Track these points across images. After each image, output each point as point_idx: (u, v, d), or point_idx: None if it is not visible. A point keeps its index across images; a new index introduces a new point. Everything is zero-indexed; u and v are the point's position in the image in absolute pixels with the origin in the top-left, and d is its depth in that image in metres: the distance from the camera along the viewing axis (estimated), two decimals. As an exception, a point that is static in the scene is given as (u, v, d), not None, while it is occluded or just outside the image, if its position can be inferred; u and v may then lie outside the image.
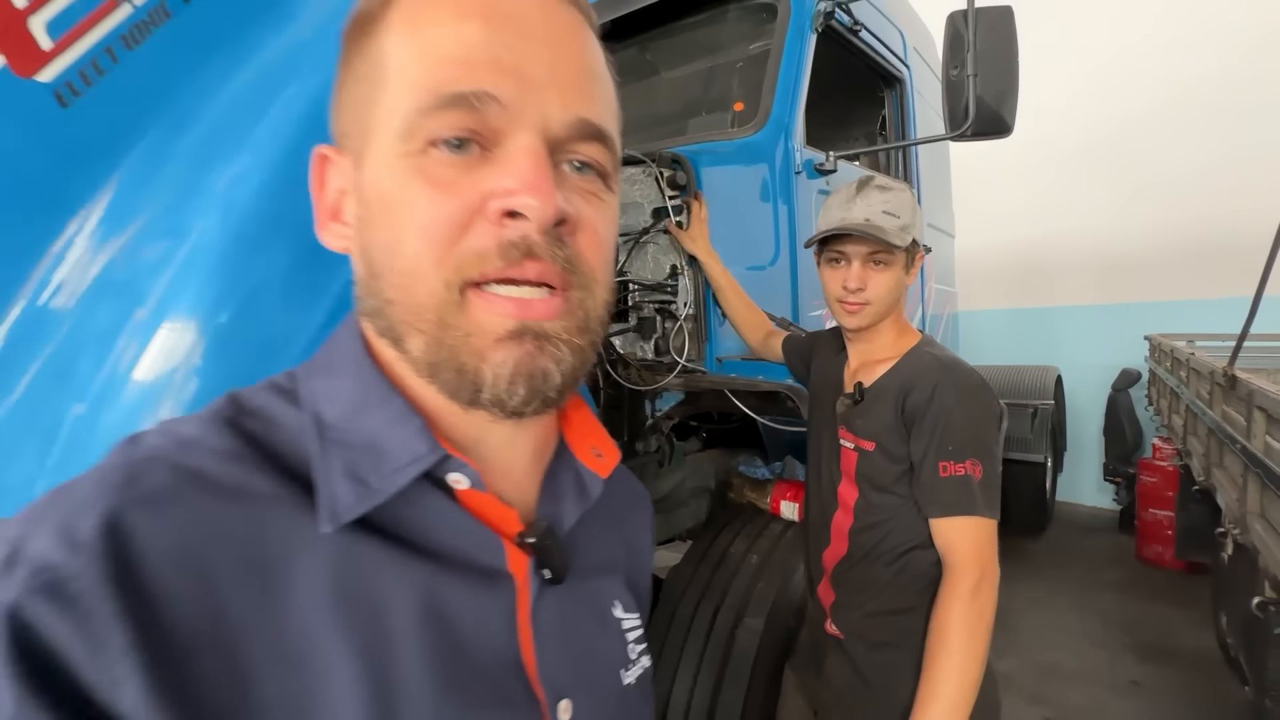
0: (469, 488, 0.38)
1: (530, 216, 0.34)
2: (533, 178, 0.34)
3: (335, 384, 0.39)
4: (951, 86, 1.83)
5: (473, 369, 0.35)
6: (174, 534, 0.31)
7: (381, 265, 0.36)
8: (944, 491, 0.97)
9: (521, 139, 0.35)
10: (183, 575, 0.30)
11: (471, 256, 0.34)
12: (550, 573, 0.41)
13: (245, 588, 0.32)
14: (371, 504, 0.35)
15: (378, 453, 0.36)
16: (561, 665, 0.41)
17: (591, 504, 0.46)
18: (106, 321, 0.72)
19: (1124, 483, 4.46)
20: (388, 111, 0.35)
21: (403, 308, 0.36)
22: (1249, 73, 3.95)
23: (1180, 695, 2.55)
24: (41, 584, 0.28)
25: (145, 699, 0.27)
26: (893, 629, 1.03)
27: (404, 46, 0.36)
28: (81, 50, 0.79)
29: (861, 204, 1.04)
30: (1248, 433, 1.83)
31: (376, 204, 0.36)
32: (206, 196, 0.67)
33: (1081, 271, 4.96)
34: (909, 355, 1.07)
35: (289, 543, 0.33)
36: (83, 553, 0.28)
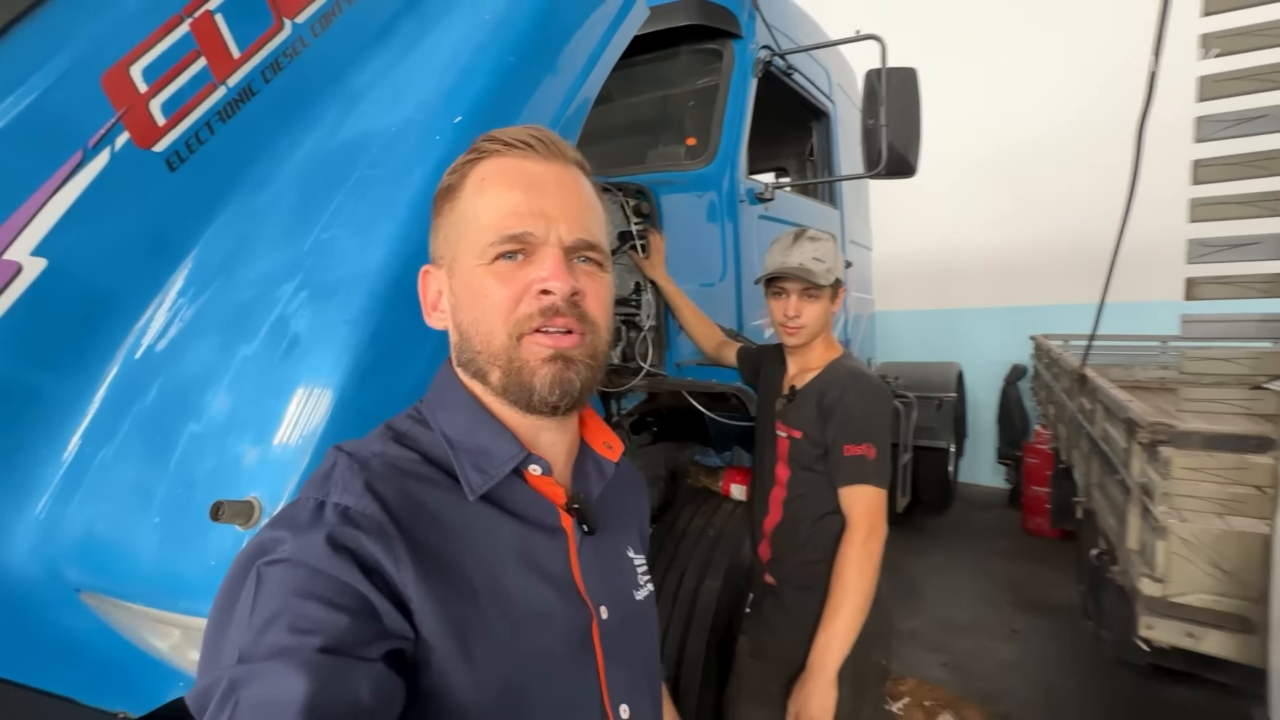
0: (540, 474, 0.62)
1: (555, 292, 0.57)
2: (556, 269, 0.57)
3: (452, 415, 0.61)
4: (868, 134, 2.18)
5: (528, 383, 0.58)
6: (397, 494, 0.54)
7: (470, 331, 0.59)
8: (847, 466, 1.30)
9: (548, 249, 0.58)
10: (406, 513, 0.53)
11: (523, 318, 0.57)
12: (587, 527, 0.64)
13: (434, 524, 0.55)
14: (490, 484, 0.58)
15: (488, 454, 0.60)
16: (597, 585, 0.63)
17: (608, 480, 0.70)
18: (216, 354, 0.90)
19: (1013, 465, 5.07)
20: (469, 242, 0.59)
21: (485, 355, 0.58)
22: (1116, 108, 4.61)
23: (1049, 637, 3.07)
24: (349, 516, 0.51)
25: (413, 570, 0.51)
26: (810, 574, 1.35)
27: (477, 204, 0.59)
28: (188, 124, 0.96)
29: (797, 252, 1.35)
30: (1092, 420, 2.28)
31: (464, 295, 0.60)
32: (344, 260, 0.86)
33: (980, 278, 5.56)
34: (830, 366, 1.39)
35: (451, 504, 0.57)
36: (364, 498, 0.52)
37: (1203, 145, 1.40)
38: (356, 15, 1.10)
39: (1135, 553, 1.64)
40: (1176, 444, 1.46)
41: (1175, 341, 3.83)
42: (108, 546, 0.82)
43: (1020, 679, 2.75)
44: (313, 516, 0.51)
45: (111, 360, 0.93)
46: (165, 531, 0.77)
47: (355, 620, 0.46)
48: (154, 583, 0.78)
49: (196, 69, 0.95)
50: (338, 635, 0.45)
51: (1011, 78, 5.18)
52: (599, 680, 0.61)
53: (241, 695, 0.42)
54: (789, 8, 2.77)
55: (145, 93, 0.91)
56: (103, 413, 0.91)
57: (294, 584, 0.46)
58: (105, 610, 0.90)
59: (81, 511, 0.85)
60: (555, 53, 1.07)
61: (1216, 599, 1.44)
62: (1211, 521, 1.48)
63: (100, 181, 0.88)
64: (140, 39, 0.90)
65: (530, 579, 0.58)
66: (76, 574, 0.86)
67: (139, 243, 0.94)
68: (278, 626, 0.44)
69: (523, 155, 0.60)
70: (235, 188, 1.01)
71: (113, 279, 0.92)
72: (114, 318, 0.93)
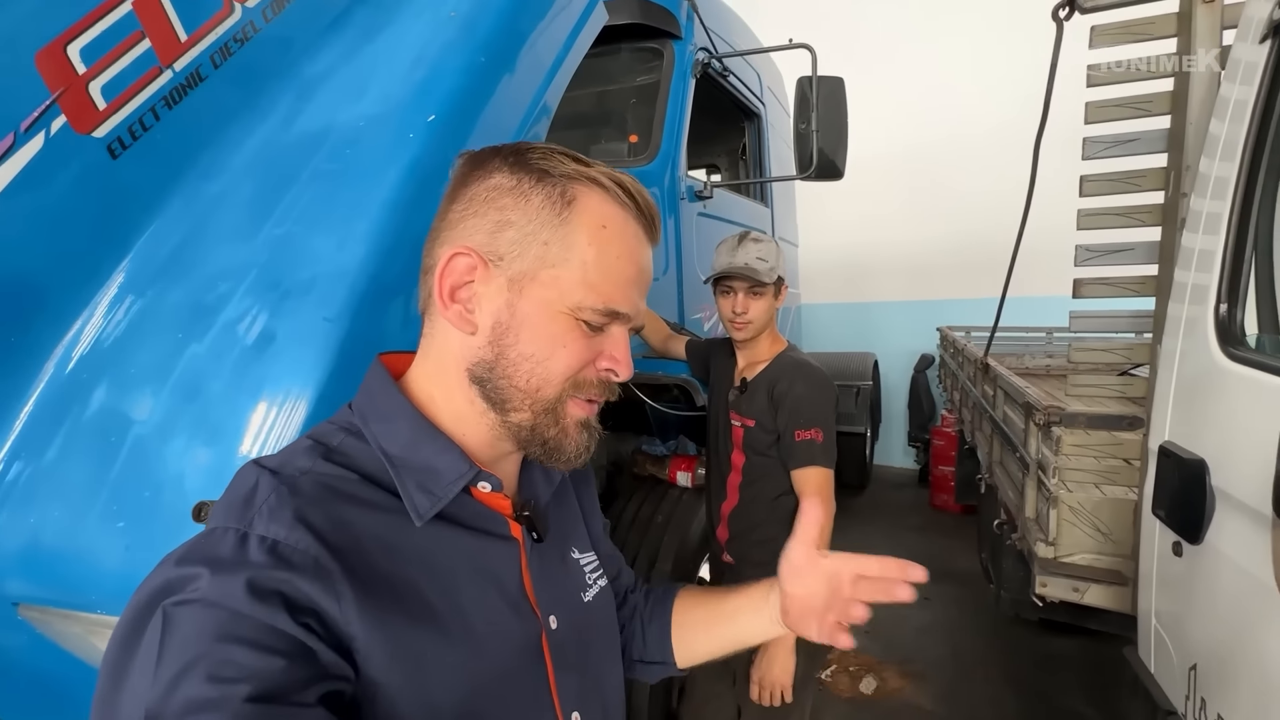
0: (490, 491, 0.57)
1: (620, 377, 0.59)
2: (626, 357, 0.58)
3: (391, 427, 0.55)
4: (800, 138, 2.31)
5: (559, 442, 0.57)
6: (333, 521, 0.48)
7: (519, 365, 0.54)
8: (798, 450, 1.40)
9: (622, 331, 0.58)
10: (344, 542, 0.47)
11: (583, 384, 0.57)
12: (536, 534, 0.61)
13: (380, 550, 0.49)
14: (439, 507, 0.53)
15: (434, 473, 0.54)
16: (546, 594, 0.61)
17: (556, 485, 0.67)
18: (172, 342, 0.87)
19: (922, 446, 5.50)
20: (566, 280, 0.54)
21: (525, 395, 0.55)
22: (1018, 120, 5.05)
23: (955, 602, 3.38)
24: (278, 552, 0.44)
25: (356, 606, 0.45)
26: (766, 551, 1.45)
27: (589, 250, 0.54)
28: (131, 109, 0.91)
29: (742, 252, 1.43)
30: (994, 404, 2.53)
31: (529, 329, 0.54)
32: (314, 257, 0.85)
33: (893, 273, 5.95)
34: (777, 359, 1.49)
35: (397, 527, 0.51)
36: (295, 530, 0.45)
37: (1088, 163, 1.60)
38: (309, 1, 1.07)
39: (1032, 520, 1.85)
40: (1066, 424, 1.67)
41: (1060, 333, 4.27)
42: (59, 556, 0.77)
43: (932, 641, 3.03)
44: (235, 551, 0.43)
45: (48, 359, 0.87)
46: (132, 537, 0.74)
47: (288, 663, 0.40)
48: (120, 590, 0.75)
49: (140, 51, 0.90)
50: (269, 681, 0.39)
51: (923, 87, 5.56)
52: (550, 690, 0.60)
53: None
54: (724, 11, 2.87)
55: (84, 74, 0.86)
56: (38, 418, 0.86)
57: (211, 627, 0.40)
58: (46, 623, 0.85)
59: (23, 522, 0.80)
60: (523, 54, 1.08)
61: (1096, 557, 1.66)
62: (1092, 491, 1.71)
63: (34, 167, 0.82)
64: (78, 16, 0.84)
65: (485, 593, 0.56)
66: (18, 587, 0.80)
67: (78, 233, 0.88)
68: (194, 677, 0.38)
69: (638, 220, 0.58)
70: (182, 177, 0.96)
71: (50, 269, 0.86)
72: (52, 312, 0.87)
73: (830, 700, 2.62)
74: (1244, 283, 1.14)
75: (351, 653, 0.45)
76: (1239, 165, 1.16)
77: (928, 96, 5.55)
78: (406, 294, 0.85)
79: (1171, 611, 1.29)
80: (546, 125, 1.22)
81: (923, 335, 5.54)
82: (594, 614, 0.70)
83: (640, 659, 0.82)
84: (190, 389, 0.79)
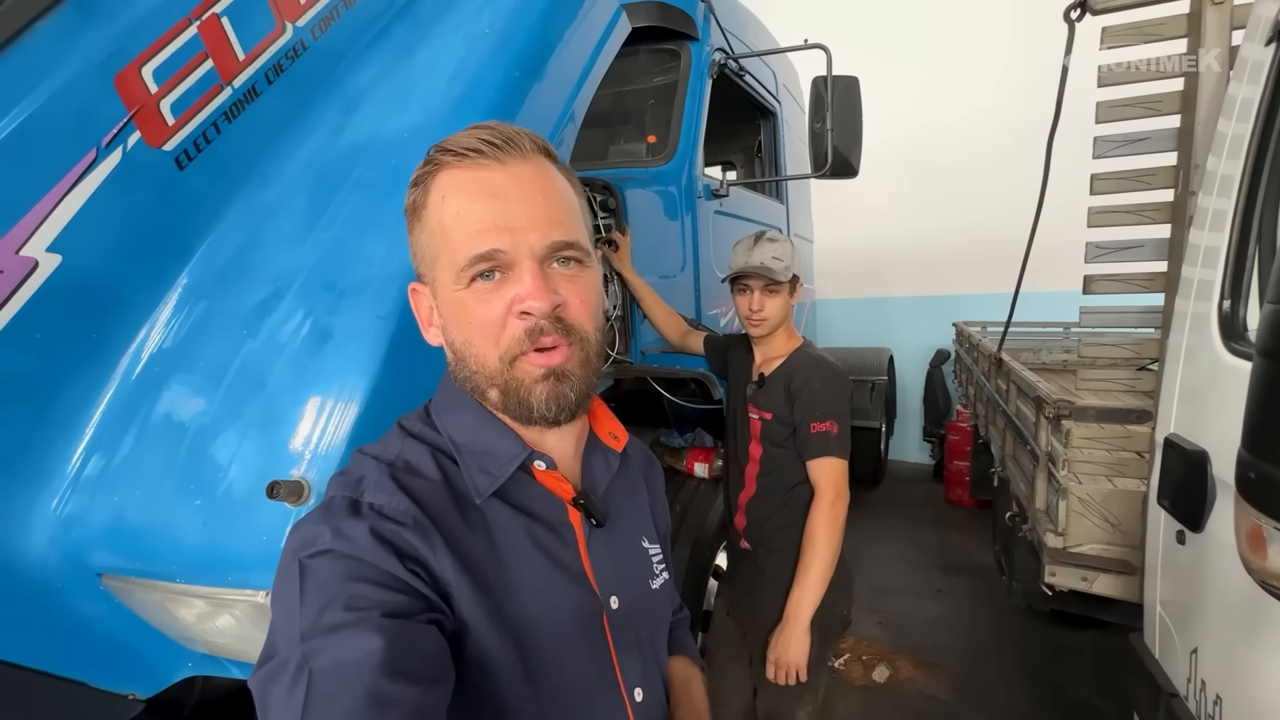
0: (545, 469, 0.63)
1: (535, 313, 0.56)
2: (534, 288, 0.55)
3: (457, 417, 0.62)
4: (815, 137, 2.35)
5: (525, 401, 0.58)
6: (421, 491, 0.56)
7: (463, 352, 0.59)
8: (813, 442, 1.46)
9: (523, 264, 0.56)
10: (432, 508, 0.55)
11: (512, 342, 0.57)
12: (595, 521, 0.65)
13: (456, 519, 0.57)
14: (495, 485, 0.59)
15: (492, 455, 0.60)
16: (609, 575, 0.65)
17: (614, 472, 0.70)
18: (234, 340, 0.95)
19: (936, 441, 5.50)
20: (444, 263, 0.58)
21: (481, 376, 0.59)
22: (1032, 116, 5.04)
23: (969, 594, 3.41)
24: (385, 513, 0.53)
25: (449, 557, 0.54)
26: (782, 538, 1.51)
27: (443, 221, 0.57)
28: (196, 124, 1.00)
29: (758, 252, 1.49)
30: (1007, 399, 2.56)
31: (449, 316, 0.59)
32: (367, 260, 0.92)
33: (908, 269, 5.95)
34: (794, 354, 1.55)
35: (466, 502, 0.59)
36: (396, 496, 0.54)
37: (1099, 161, 1.63)
38: (353, 19, 1.15)
39: (1042, 512, 1.89)
40: (1076, 417, 1.71)
41: (1076, 328, 4.26)
42: (143, 531, 0.86)
43: (945, 632, 3.07)
44: (350, 512, 0.52)
45: (124, 354, 0.95)
46: (209, 513, 0.82)
47: (406, 597, 0.49)
48: (199, 561, 0.83)
49: (204, 70, 0.98)
50: (394, 607, 0.47)
51: (937, 84, 5.55)
52: (613, 666, 0.64)
53: (314, 666, 0.43)
54: (740, 12, 2.91)
55: (156, 93, 0.94)
56: (117, 405, 0.94)
57: (342, 571, 0.48)
58: (128, 592, 0.94)
59: (108, 500, 0.88)
60: (552, 67, 1.15)
61: (1105, 547, 1.70)
62: (1101, 482, 1.74)
63: (113, 179, 0.91)
64: (151, 40, 0.92)
65: (543, 571, 0.60)
66: (104, 558, 0.89)
67: (150, 238, 0.96)
68: (333, 608, 0.46)
69: (477, 163, 0.57)
70: (241, 186, 1.04)
71: (125, 273, 0.94)
72: (127, 311, 0.95)
73: (843, 688, 2.67)
74: (1247, 278, 1.18)
75: (447, 596, 0.53)
76: (1244, 163, 1.20)
77: (942, 94, 5.54)
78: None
79: (1175, 598, 1.33)
80: (574, 132, 1.29)
81: (938, 330, 5.54)
82: (657, 603, 0.73)
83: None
84: (255, 382, 0.87)
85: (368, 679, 0.43)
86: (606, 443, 0.72)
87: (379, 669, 0.43)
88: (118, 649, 1.02)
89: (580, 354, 0.59)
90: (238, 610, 0.85)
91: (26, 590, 0.92)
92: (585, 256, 0.61)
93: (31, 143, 0.84)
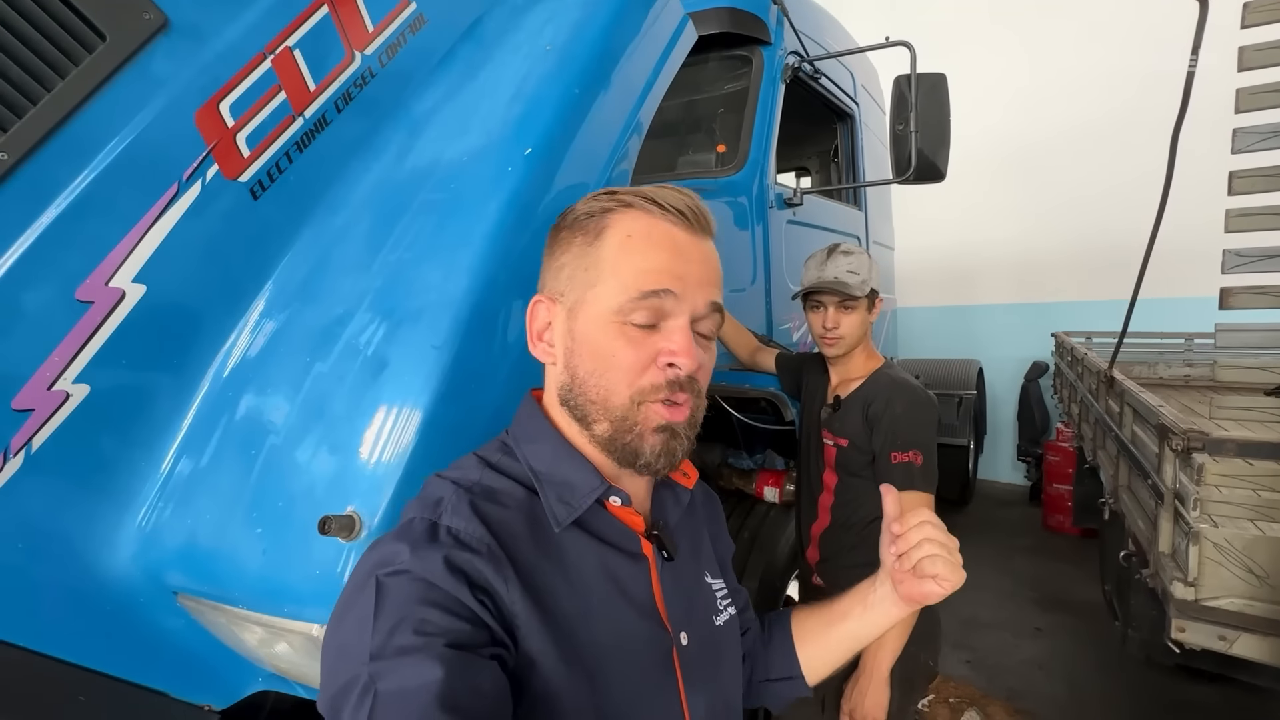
0: (620, 504, 0.64)
1: (682, 369, 0.60)
2: (685, 346, 0.59)
3: (537, 447, 0.64)
4: (897, 139, 2.20)
5: (636, 448, 0.60)
6: (498, 519, 0.58)
7: (587, 382, 0.61)
8: (894, 473, 1.33)
9: (680, 320, 0.60)
10: (507, 537, 0.57)
11: (648, 388, 0.60)
12: (666, 554, 0.66)
13: (531, 548, 0.58)
14: (575, 515, 0.61)
15: (571, 487, 0.62)
16: (678, 611, 0.66)
17: (684, 508, 0.73)
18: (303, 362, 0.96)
19: (1033, 462, 5.08)
20: (603, 293, 0.60)
21: (599, 407, 0.60)
22: (1133, 112, 4.59)
23: (1072, 636, 3.09)
24: (460, 539, 0.55)
25: (520, 590, 0.55)
26: (859, 577, 1.36)
27: (618, 258, 0.60)
28: (269, 155, 1.02)
29: (831, 266, 1.39)
30: (1120, 423, 2.30)
31: (586, 345, 0.61)
32: (424, 287, 0.91)
33: (999, 274, 5.55)
34: (873, 376, 1.43)
35: (542, 531, 0.60)
36: (473, 523, 0.56)
37: (1239, 156, 1.42)
38: (419, 45, 1.15)
39: (1167, 556, 1.66)
40: (1210, 451, 1.49)
41: (1202, 340, 3.80)
42: (211, 555, 0.88)
43: (1044, 676, 2.79)
44: (428, 535, 0.54)
45: (203, 379, 0.99)
46: (268, 542, 0.83)
47: (471, 627, 0.50)
48: (258, 590, 0.84)
49: (277, 102, 1.01)
50: (458, 636, 0.49)
51: (1028, 75, 5.16)
52: (680, 703, 0.63)
53: (380, 687, 0.46)
54: (815, 12, 2.79)
55: (232, 127, 0.97)
56: (196, 428, 0.97)
57: (415, 593, 0.50)
58: (200, 611, 0.96)
59: (183, 522, 0.91)
60: (615, 82, 1.11)
61: (1249, 603, 1.46)
62: (1245, 527, 1.51)
63: (193, 211, 0.94)
64: (229, 77, 0.95)
65: (616, 603, 0.61)
66: (178, 578, 0.92)
67: (227, 267, 0.99)
68: (404, 629, 0.48)
69: (674, 222, 0.61)
70: (311, 213, 1.06)
71: (203, 302, 0.98)
72: (204, 338, 0.99)
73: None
74: None
75: (514, 629, 0.54)
76: None
77: (1033, 82, 5.14)
78: (505, 321, 0.90)
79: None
80: (638, 143, 1.24)
81: (1033, 341, 5.13)
82: (723, 639, 0.73)
83: (766, 678, 0.84)
84: (316, 409, 0.88)
85: (424, 710, 0.45)
86: (677, 479, 0.73)
87: (435, 701, 0.45)
88: (195, 662, 1.06)
89: (694, 415, 0.63)
90: (293, 640, 0.85)
91: (114, 604, 0.97)
92: (714, 333, 0.65)
93: (120, 180, 0.88)
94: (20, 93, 0.80)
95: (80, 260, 0.85)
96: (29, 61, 0.81)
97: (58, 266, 0.84)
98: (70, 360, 0.85)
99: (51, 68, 0.83)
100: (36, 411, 0.84)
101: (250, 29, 0.98)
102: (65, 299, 0.84)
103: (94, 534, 0.93)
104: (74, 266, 0.85)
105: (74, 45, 0.84)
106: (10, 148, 0.79)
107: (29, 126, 0.80)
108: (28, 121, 0.80)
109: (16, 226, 0.81)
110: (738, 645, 0.77)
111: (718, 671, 0.70)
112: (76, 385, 0.86)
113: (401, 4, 1.14)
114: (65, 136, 0.83)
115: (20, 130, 0.80)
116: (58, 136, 0.83)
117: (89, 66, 0.85)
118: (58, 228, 0.83)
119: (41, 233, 0.82)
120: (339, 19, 1.06)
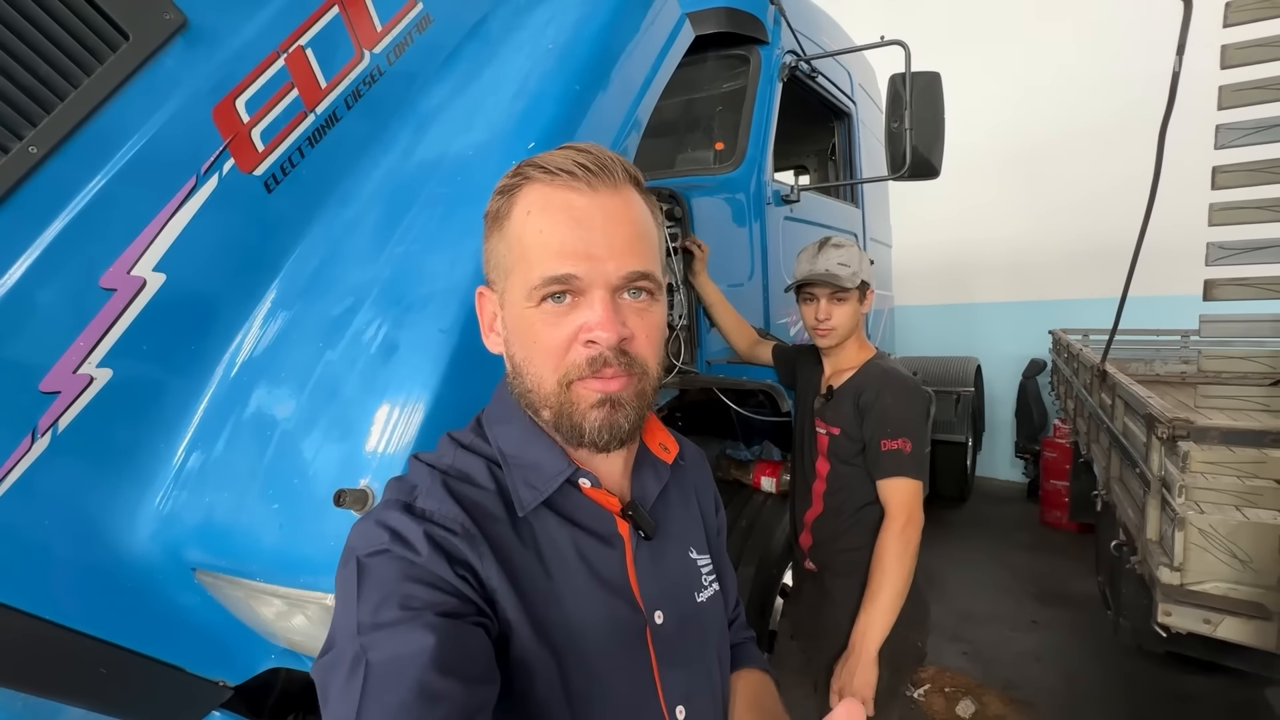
0: (591, 486, 0.63)
1: (601, 343, 0.56)
2: (604, 319, 0.56)
3: (508, 429, 0.63)
4: (892, 137, 2.24)
5: (578, 425, 0.58)
6: (471, 498, 0.59)
7: (522, 368, 0.60)
8: (884, 460, 1.38)
9: (595, 293, 0.57)
10: (480, 516, 0.57)
11: (572, 368, 0.57)
12: (643, 533, 0.65)
13: (502, 528, 0.58)
14: (540, 499, 0.60)
15: (538, 470, 0.61)
16: (654, 590, 0.64)
17: (665, 483, 0.70)
18: (314, 349, 1.00)
19: (1031, 459, 5.11)
20: (517, 279, 0.58)
21: (537, 394, 0.59)
22: (1130, 111, 4.62)
23: (1068, 627, 3.12)
24: (436, 519, 0.55)
25: (495, 567, 0.55)
26: (851, 561, 1.43)
27: (524, 238, 0.58)
28: (283, 149, 1.06)
29: (823, 259, 1.43)
30: (1112, 415, 2.33)
31: (515, 331, 0.60)
32: (431, 275, 0.96)
33: (998, 272, 5.56)
34: (865, 366, 1.47)
35: (513, 511, 0.60)
36: (447, 503, 0.57)
37: (1222, 151, 1.46)
38: (426, 43, 1.19)
39: (1154, 543, 1.70)
40: (1195, 439, 1.52)
41: (1196, 337, 3.83)
42: (229, 530, 0.92)
43: (1040, 667, 2.82)
44: (406, 517, 0.55)
45: (219, 364, 1.03)
46: (284, 517, 0.87)
47: (455, 599, 0.51)
48: (275, 562, 0.88)
49: (290, 99, 1.05)
50: (445, 608, 0.50)
51: (1027, 75, 5.19)
52: (654, 682, 0.63)
53: (371, 658, 0.46)
54: (812, 11, 2.83)
55: (248, 122, 1.01)
56: (213, 411, 1.02)
57: (397, 572, 0.51)
58: (217, 587, 1.00)
59: (201, 500, 0.95)
60: (614, 77, 1.15)
61: (1233, 587, 1.50)
62: (1229, 513, 1.54)
63: (210, 203, 0.98)
64: (244, 74, 1.00)
65: (587, 585, 0.60)
66: (196, 554, 0.96)
67: (242, 256, 1.04)
68: (389, 605, 0.49)
69: (568, 185, 0.57)
70: (322, 206, 1.10)
71: (220, 289, 1.02)
72: (221, 324, 1.03)
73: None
74: None
75: (493, 603, 0.55)
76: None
77: (1032, 82, 5.17)
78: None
79: (1323, 651, 1.15)
80: (636, 139, 1.28)
81: (1031, 338, 5.16)
82: (705, 614, 0.72)
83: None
84: (329, 392, 0.92)
85: (420, 673, 0.45)
86: (657, 454, 0.72)
87: (430, 664, 0.46)
88: (210, 638, 1.10)
89: (637, 386, 0.59)
90: (310, 611, 0.89)
91: (135, 581, 1.01)
92: (656, 289, 0.61)
93: (141, 172, 0.92)
94: (49, 89, 0.85)
95: (103, 250, 0.90)
96: (57, 59, 0.86)
97: (82, 256, 0.88)
98: (94, 345, 0.89)
99: (78, 65, 0.87)
100: (63, 394, 0.88)
101: (264, 29, 1.02)
102: (90, 287, 0.88)
103: (115, 512, 0.97)
104: (98, 256, 0.89)
105: (99, 44, 0.89)
106: (40, 142, 0.83)
107: (57, 121, 0.84)
108: (56, 117, 0.85)
109: (45, 218, 0.85)
110: (722, 618, 0.76)
111: (700, 648, 0.69)
112: (100, 369, 0.91)
113: (409, 4, 1.18)
114: (91, 131, 0.87)
115: (49, 125, 0.84)
116: (84, 131, 0.87)
117: (113, 65, 0.89)
118: (83, 218, 0.87)
119: (68, 223, 0.86)
120: (349, 19, 1.10)
